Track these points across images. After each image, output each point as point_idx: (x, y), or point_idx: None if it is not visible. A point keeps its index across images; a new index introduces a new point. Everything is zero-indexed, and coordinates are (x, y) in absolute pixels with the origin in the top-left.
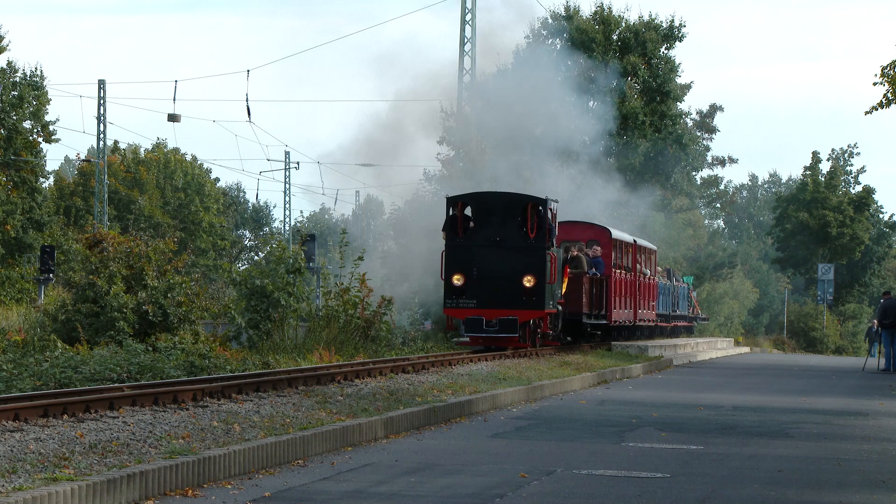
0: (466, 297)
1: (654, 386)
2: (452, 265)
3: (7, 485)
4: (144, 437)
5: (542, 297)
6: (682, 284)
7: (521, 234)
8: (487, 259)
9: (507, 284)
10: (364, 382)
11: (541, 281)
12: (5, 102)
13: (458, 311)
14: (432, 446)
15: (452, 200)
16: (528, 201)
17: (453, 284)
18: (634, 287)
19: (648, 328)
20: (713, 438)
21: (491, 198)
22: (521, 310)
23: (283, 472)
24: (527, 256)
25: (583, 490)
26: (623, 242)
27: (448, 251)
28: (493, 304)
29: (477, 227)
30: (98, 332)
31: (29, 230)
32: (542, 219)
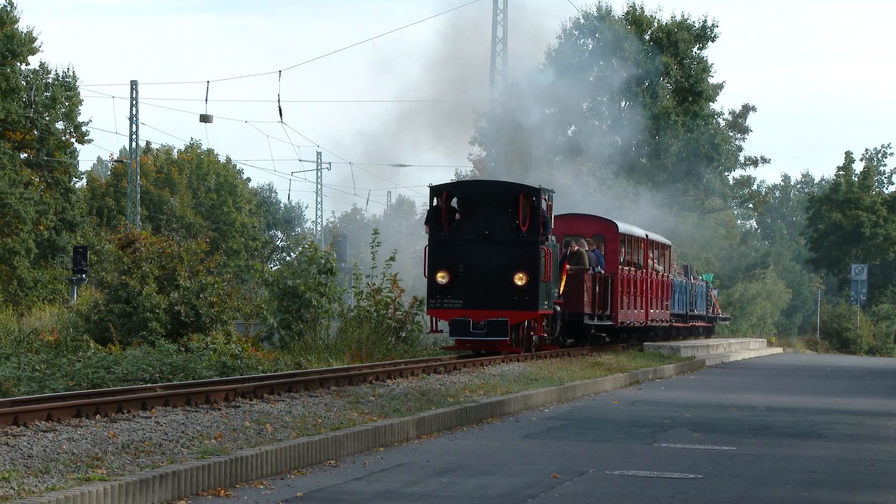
0: (452, 296)
1: (687, 386)
2: (436, 261)
3: (40, 485)
4: (177, 437)
5: (535, 297)
6: (700, 282)
7: (512, 228)
8: (475, 254)
9: (496, 282)
10: (396, 383)
11: (534, 278)
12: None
13: (442, 312)
14: (464, 447)
15: (436, 190)
16: (520, 191)
17: (437, 283)
18: (645, 285)
19: (663, 329)
20: (746, 439)
21: (478, 187)
22: (513, 310)
23: (315, 472)
24: (518, 251)
25: (615, 491)
26: (632, 237)
27: (431, 246)
28: (481, 305)
29: (463, 220)
30: (130, 332)
31: (62, 231)
32: (536, 210)
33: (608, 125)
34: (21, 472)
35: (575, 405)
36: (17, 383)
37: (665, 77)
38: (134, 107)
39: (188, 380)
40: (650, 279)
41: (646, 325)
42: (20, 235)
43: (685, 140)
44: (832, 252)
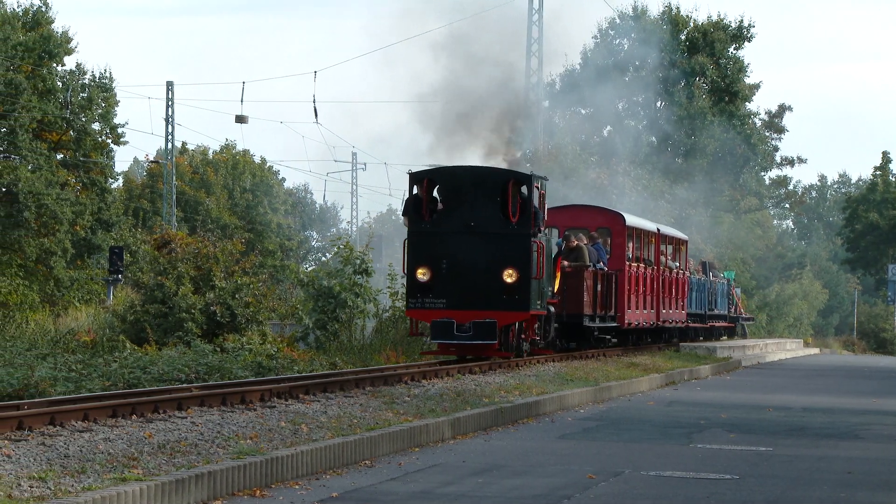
0: (434, 295)
1: (723, 387)
2: (416, 256)
3: (76, 485)
4: (212, 437)
5: (526, 296)
6: (720, 280)
7: (501, 219)
8: (459, 249)
9: (482, 280)
10: (431, 383)
11: (524, 275)
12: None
13: (422, 313)
14: (499, 447)
15: (416, 177)
16: (510, 178)
17: (417, 280)
18: (657, 283)
19: (678, 331)
20: (782, 440)
21: (463, 174)
22: (501, 311)
23: (350, 472)
24: (507, 245)
25: (651, 491)
26: (642, 231)
27: (410, 239)
28: (466, 305)
29: (447, 210)
30: (166, 332)
31: (98, 231)
32: (527, 199)
33: (643, 125)
34: (57, 472)
35: (610, 406)
36: (53, 383)
37: (701, 77)
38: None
39: (224, 380)
40: (662, 276)
41: (657, 326)
42: (57, 236)
43: (721, 140)
44: (869, 252)
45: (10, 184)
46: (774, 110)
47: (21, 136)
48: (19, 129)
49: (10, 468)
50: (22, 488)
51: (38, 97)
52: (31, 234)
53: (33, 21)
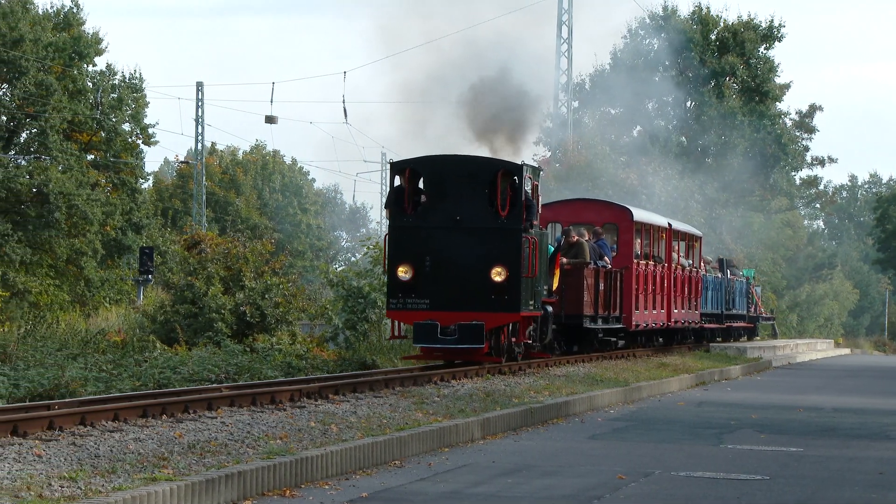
0: (416, 295)
1: (753, 388)
2: (397, 253)
3: (107, 484)
4: (242, 437)
5: (516, 295)
6: (739, 278)
7: (490, 212)
8: (444, 245)
9: (469, 279)
10: (460, 383)
11: (515, 273)
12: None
13: (404, 315)
14: (529, 447)
15: (398, 167)
16: (499, 168)
17: (398, 279)
18: (668, 281)
19: (693, 332)
20: (813, 440)
21: (448, 164)
22: (489, 312)
23: (380, 472)
24: (496, 241)
25: (681, 492)
26: (651, 226)
27: (392, 234)
28: (451, 306)
29: (431, 203)
30: (196, 332)
31: (128, 231)
32: (518, 191)
33: (673, 125)
34: (88, 471)
35: (640, 406)
36: (84, 383)
37: (731, 77)
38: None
39: (254, 380)
40: (674, 274)
41: (668, 327)
42: (87, 236)
43: (752, 140)
44: None
45: (40, 184)
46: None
47: (52, 137)
48: (50, 130)
49: (40, 468)
50: (53, 488)
51: (69, 98)
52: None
53: (64, 22)
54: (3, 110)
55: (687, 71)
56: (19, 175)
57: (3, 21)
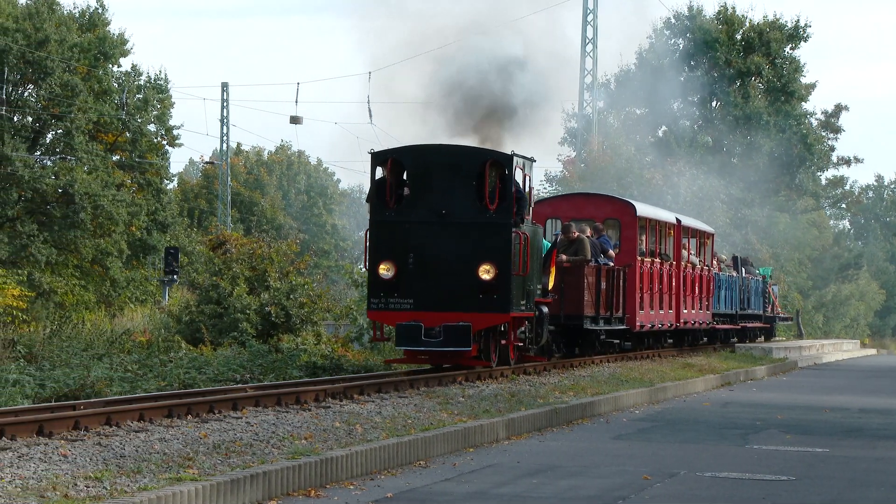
0: (399, 294)
1: (779, 388)
2: (378, 250)
3: (132, 485)
4: (267, 437)
5: (506, 295)
6: (755, 277)
7: (477, 206)
8: (428, 240)
9: (455, 277)
10: (485, 384)
11: (504, 271)
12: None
13: (386, 315)
14: (554, 448)
15: (379, 157)
16: (487, 158)
17: (380, 277)
18: (676, 280)
19: (704, 333)
20: (839, 441)
21: (433, 154)
22: (477, 312)
23: (405, 472)
24: (484, 236)
25: (706, 492)
26: (657, 222)
27: (373, 230)
28: (435, 306)
29: (414, 196)
30: (221, 333)
31: (153, 232)
32: (507, 183)
33: (699, 125)
34: (113, 471)
35: (666, 406)
36: (109, 384)
37: (757, 77)
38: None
39: (278, 380)
40: (683, 273)
41: (677, 328)
42: (112, 236)
43: (777, 140)
44: None
45: (66, 185)
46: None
47: (77, 138)
48: (75, 131)
49: (66, 468)
50: (78, 488)
51: (94, 98)
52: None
53: (89, 23)
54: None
55: (712, 71)
56: (45, 176)
57: (29, 22)
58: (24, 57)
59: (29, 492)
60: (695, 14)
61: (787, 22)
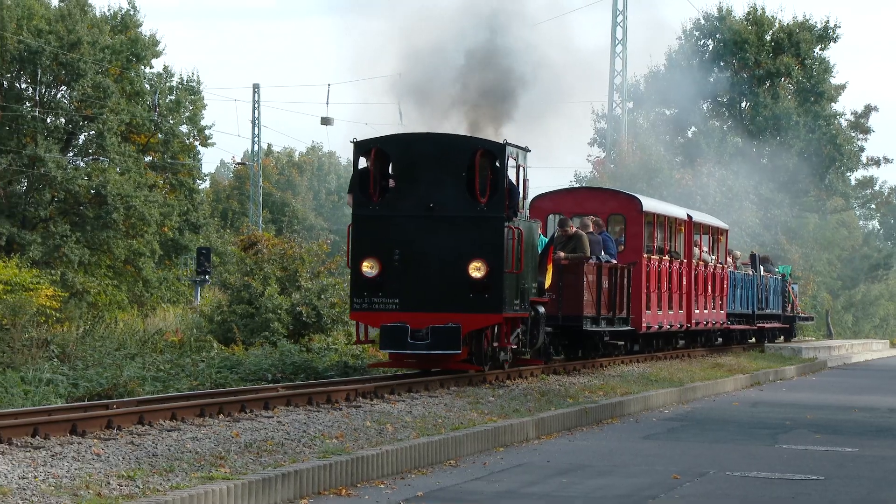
0: (384, 294)
1: (808, 388)
2: (362, 246)
3: (164, 483)
4: (299, 436)
5: (498, 294)
6: (773, 275)
7: (467, 198)
8: (414, 236)
9: (444, 275)
10: (515, 383)
11: (496, 269)
12: (162, 107)
13: (370, 316)
14: (584, 447)
15: (362, 147)
16: (477, 148)
17: (363, 275)
18: (687, 278)
19: (719, 333)
20: (868, 441)
21: (420, 143)
22: (467, 313)
23: (435, 472)
24: (475, 231)
25: (736, 492)
26: (665, 218)
27: (356, 224)
28: (423, 306)
29: (400, 188)
30: (253, 332)
31: (185, 232)
32: (499, 175)
33: (728, 126)
34: (146, 470)
35: (695, 406)
36: (141, 383)
37: (786, 78)
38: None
39: (309, 380)
40: (694, 271)
41: (688, 329)
42: (145, 237)
43: (807, 140)
44: None
45: (99, 186)
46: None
47: (109, 139)
48: (108, 132)
49: (99, 467)
50: (111, 487)
51: (127, 100)
52: (120, 236)
53: (121, 24)
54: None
55: (742, 72)
56: (78, 177)
57: (62, 24)
58: (57, 59)
59: (62, 490)
60: (724, 15)
61: (817, 23)
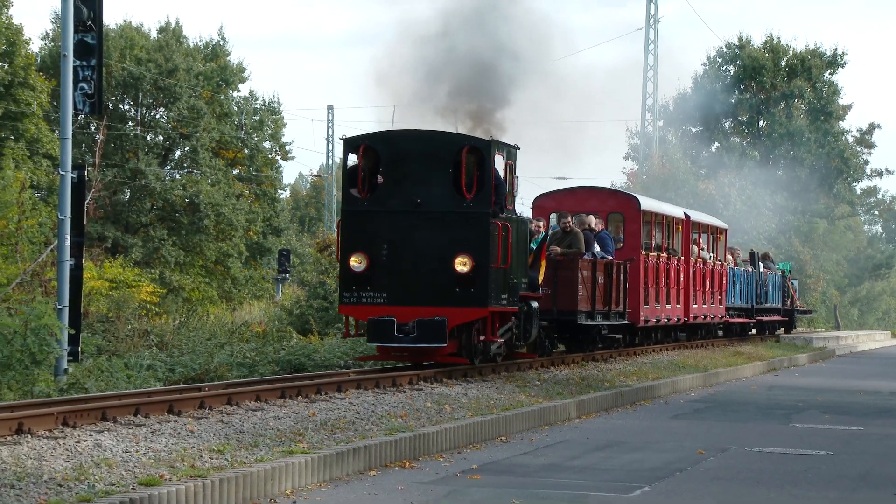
0: (372, 288)
1: (819, 373)
2: (350, 241)
3: (250, 456)
4: (367, 415)
5: (483, 288)
6: (773, 272)
7: (454, 194)
8: (402, 231)
9: (430, 269)
10: (558, 370)
11: (482, 263)
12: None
13: (358, 310)
14: (619, 426)
15: (351, 143)
16: (464, 145)
17: (351, 270)
18: (686, 275)
19: (719, 326)
20: (873, 420)
21: (407, 140)
22: (453, 307)
23: (487, 447)
24: (461, 226)
25: (754, 465)
26: (663, 216)
27: (344, 220)
28: (410, 300)
29: (388, 184)
30: (327, 324)
31: (268, 235)
32: (486, 171)
33: (748, 142)
34: (234, 445)
35: (718, 389)
36: (230, 368)
37: (799, 99)
38: (330, 128)
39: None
40: (693, 268)
41: (686, 323)
42: (233, 240)
43: (817, 155)
44: None
45: (192, 195)
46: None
47: (202, 154)
48: (200, 148)
49: (193, 442)
50: (203, 459)
51: (217, 120)
52: (211, 239)
53: (212, 53)
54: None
55: (760, 94)
56: (174, 187)
57: (160, 53)
58: (156, 84)
59: (160, 462)
60: (744, 44)
61: (827, 50)
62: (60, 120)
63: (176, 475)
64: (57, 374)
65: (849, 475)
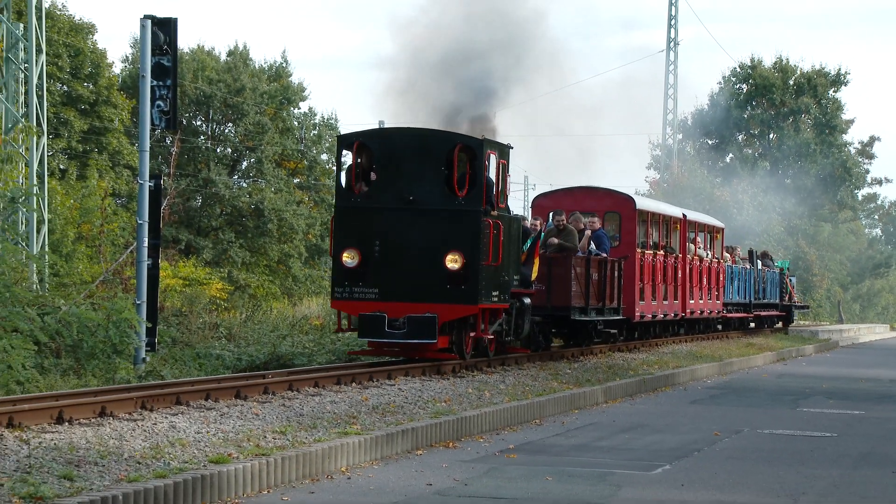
0: (364, 284)
1: (824, 363)
2: (343, 237)
3: (309, 437)
4: (415, 400)
5: (474, 285)
6: (771, 269)
7: (446, 192)
8: (394, 228)
9: (422, 266)
10: (587, 359)
11: (473, 261)
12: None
13: (349, 305)
14: (642, 410)
15: (345, 141)
16: (456, 143)
17: (344, 265)
18: (682, 272)
19: (717, 321)
20: (874, 405)
21: (401, 138)
22: (443, 303)
23: (523, 429)
24: (452, 224)
25: (765, 445)
26: (659, 216)
27: (338, 216)
28: (401, 296)
29: (381, 181)
30: None
31: (326, 238)
32: (478, 169)
33: (759, 153)
34: (294, 427)
35: (732, 377)
36: (291, 357)
37: (806, 114)
38: None
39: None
40: (689, 265)
41: (682, 318)
42: (293, 242)
43: (822, 165)
44: None
45: (257, 202)
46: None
47: (266, 165)
48: (265, 160)
49: (258, 424)
50: (267, 440)
51: (280, 134)
52: (274, 241)
53: (276, 74)
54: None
55: (770, 109)
56: (241, 195)
57: (229, 74)
58: (226, 102)
59: (229, 442)
60: (755, 64)
61: (831, 70)
62: (139, 134)
63: (243, 454)
64: (136, 363)
65: (851, 455)
